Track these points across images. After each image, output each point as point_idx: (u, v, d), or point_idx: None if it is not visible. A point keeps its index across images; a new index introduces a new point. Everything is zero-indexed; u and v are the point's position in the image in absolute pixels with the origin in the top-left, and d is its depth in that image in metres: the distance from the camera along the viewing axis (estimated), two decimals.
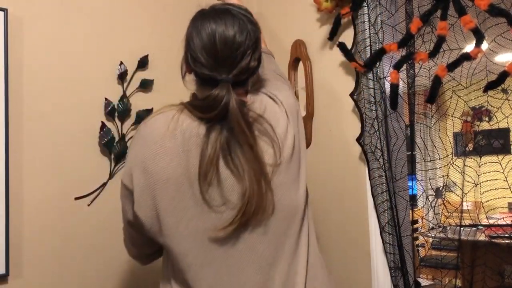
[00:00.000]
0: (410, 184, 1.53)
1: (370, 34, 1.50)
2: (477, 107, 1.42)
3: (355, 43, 1.57)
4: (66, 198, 1.54)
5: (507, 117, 1.35)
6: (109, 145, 1.62)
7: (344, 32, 1.66)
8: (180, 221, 0.92)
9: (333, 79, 1.72)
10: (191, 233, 0.92)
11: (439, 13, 1.27)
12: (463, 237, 1.60)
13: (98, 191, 1.61)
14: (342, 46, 1.55)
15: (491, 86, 1.18)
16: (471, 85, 1.34)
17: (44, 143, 1.51)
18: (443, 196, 1.49)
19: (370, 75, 1.50)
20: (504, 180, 1.36)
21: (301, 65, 1.86)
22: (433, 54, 1.29)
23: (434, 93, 1.26)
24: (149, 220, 0.95)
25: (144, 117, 1.71)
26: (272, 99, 1.04)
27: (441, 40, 1.26)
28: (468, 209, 1.47)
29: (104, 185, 1.62)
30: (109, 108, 1.63)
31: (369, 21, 1.50)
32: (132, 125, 1.69)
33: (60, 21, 1.57)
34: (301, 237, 1.01)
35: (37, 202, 1.48)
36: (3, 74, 1.41)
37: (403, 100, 1.45)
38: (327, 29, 1.71)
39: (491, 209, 1.60)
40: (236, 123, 0.92)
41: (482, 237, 2.27)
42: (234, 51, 0.94)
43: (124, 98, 1.67)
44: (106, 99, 1.63)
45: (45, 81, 1.52)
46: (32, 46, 1.50)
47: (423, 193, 1.48)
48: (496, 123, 1.43)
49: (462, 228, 1.54)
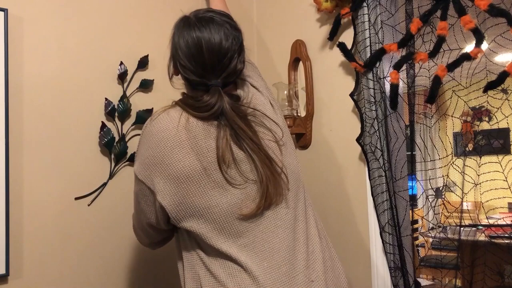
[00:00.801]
0: (410, 184, 1.53)
1: (370, 34, 1.50)
2: (477, 107, 1.42)
3: (355, 43, 1.57)
4: (66, 198, 1.54)
5: (507, 117, 1.35)
6: (109, 145, 1.62)
7: (344, 32, 1.66)
8: (208, 202, 1.00)
9: (333, 79, 1.72)
10: (222, 211, 1.00)
11: (439, 13, 1.27)
12: (463, 237, 1.60)
13: (98, 191, 1.61)
14: (342, 46, 1.55)
15: (491, 86, 1.18)
16: (471, 85, 1.34)
17: (44, 143, 1.51)
18: (443, 196, 1.49)
19: (370, 75, 1.50)
20: (504, 180, 1.36)
21: (301, 65, 1.86)
22: (433, 54, 1.30)
23: (434, 93, 1.26)
24: (175, 208, 1.02)
25: (144, 117, 1.71)
26: (256, 88, 1.16)
27: (441, 40, 1.27)
28: (468, 209, 1.47)
29: (104, 185, 1.62)
30: (109, 108, 1.63)
31: (369, 21, 1.50)
32: (132, 125, 1.69)
33: (60, 21, 1.57)
34: (306, 199, 1.15)
35: (37, 202, 1.48)
36: (3, 74, 1.41)
37: (403, 100, 1.45)
38: (327, 29, 1.71)
39: (491, 209, 1.60)
40: (232, 121, 1.00)
41: (482, 237, 2.27)
42: (221, 58, 1.02)
43: (124, 98, 1.67)
44: (106, 99, 1.63)
45: (45, 81, 1.52)
46: (32, 46, 1.50)
47: (423, 193, 1.49)
48: (496, 123, 1.43)
49: (462, 228, 1.54)
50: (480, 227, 2.47)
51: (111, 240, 1.62)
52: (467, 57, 1.21)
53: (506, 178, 1.37)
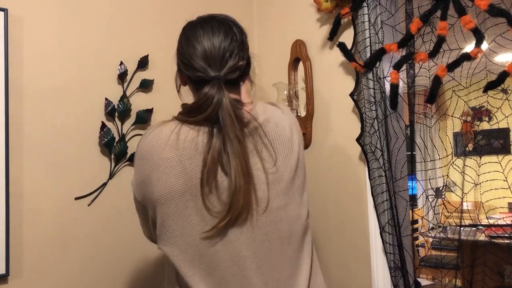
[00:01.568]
0: (410, 184, 1.53)
1: (370, 34, 1.50)
2: (477, 107, 1.42)
3: (355, 43, 1.57)
4: (66, 198, 1.54)
5: (507, 117, 1.35)
6: (109, 145, 1.62)
7: (344, 32, 1.66)
8: (184, 229, 0.96)
9: (333, 79, 1.72)
10: (195, 240, 0.95)
11: (439, 13, 1.27)
12: (463, 237, 1.60)
13: (98, 191, 1.61)
14: (342, 46, 1.55)
15: (491, 86, 1.18)
16: (471, 85, 1.34)
17: (44, 143, 1.51)
18: (443, 196, 1.49)
19: (370, 75, 1.50)
20: (504, 180, 1.36)
21: (301, 65, 1.86)
22: (433, 54, 1.29)
23: (434, 93, 1.26)
24: (158, 227, 1.00)
25: (144, 117, 1.71)
26: (276, 106, 1.11)
27: (441, 40, 1.27)
28: (468, 209, 1.47)
29: (104, 185, 1.62)
30: (109, 108, 1.63)
31: (369, 21, 1.50)
32: (132, 125, 1.69)
33: (60, 21, 1.57)
34: (304, 251, 1.05)
35: (37, 202, 1.48)
36: (3, 74, 1.41)
37: (403, 100, 1.45)
38: (327, 29, 1.71)
39: (491, 209, 1.60)
40: (227, 116, 0.95)
41: (482, 237, 2.27)
42: (222, 53, 1.01)
43: (124, 98, 1.67)
44: (106, 99, 1.63)
45: (45, 81, 1.52)
46: (32, 46, 1.50)
47: (423, 193, 1.48)
48: (496, 123, 1.43)
49: (462, 228, 1.54)
50: (480, 227, 2.47)
51: (111, 240, 1.62)
52: (467, 57, 1.21)
53: (506, 178, 1.37)
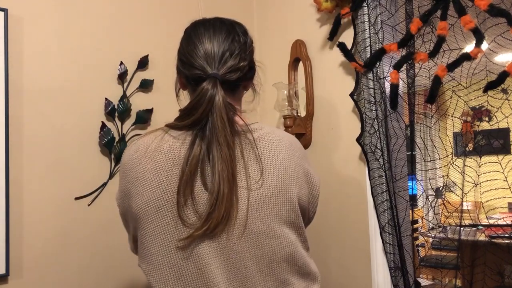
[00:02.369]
0: (410, 184, 1.53)
1: (370, 34, 1.50)
2: (477, 107, 1.42)
3: (355, 43, 1.57)
4: (66, 198, 1.54)
5: (507, 117, 1.35)
6: (109, 145, 1.62)
7: (344, 32, 1.66)
8: (160, 247, 0.89)
9: (333, 79, 1.72)
10: (171, 258, 0.89)
11: (439, 13, 1.27)
12: (463, 237, 1.60)
13: (98, 191, 1.61)
14: (342, 46, 1.55)
15: (491, 86, 1.18)
16: (471, 85, 1.34)
17: (44, 143, 1.51)
18: (443, 196, 1.49)
19: (370, 75, 1.50)
20: (504, 180, 1.36)
21: (301, 65, 1.86)
22: (433, 54, 1.30)
23: (434, 93, 1.26)
24: (138, 243, 0.94)
25: (144, 117, 1.71)
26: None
27: (441, 40, 1.27)
28: (468, 209, 1.47)
29: (104, 185, 1.62)
30: (109, 108, 1.63)
31: (369, 21, 1.50)
32: (132, 125, 1.69)
33: (60, 21, 1.57)
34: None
35: (37, 202, 1.48)
36: (3, 74, 1.41)
37: (403, 100, 1.45)
38: (327, 29, 1.71)
39: (491, 209, 1.60)
40: (219, 117, 0.89)
41: (482, 237, 2.27)
42: (222, 52, 0.96)
43: (124, 98, 1.67)
44: (106, 99, 1.63)
45: (45, 81, 1.52)
46: (32, 46, 1.50)
47: (423, 193, 1.48)
48: (496, 123, 1.43)
49: (462, 228, 1.54)
50: (480, 227, 2.47)
51: (111, 240, 1.62)
52: (467, 57, 1.21)
53: (506, 178, 1.37)
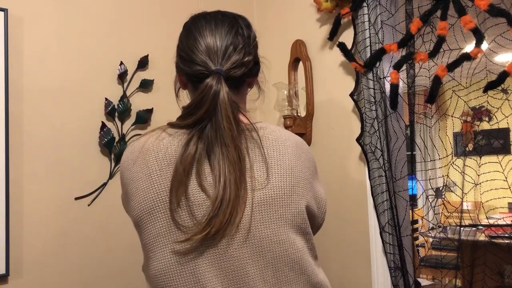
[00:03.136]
0: (410, 184, 1.53)
1: (370, 34, 1.50)
2: (477, 107, 1.42)
3: (355, 43, 1.57)
4: (66, 198, 1.54)
5: (507, 117, 1.35)
6: (109, 145, 1.62)
7: (344, 32, 1.66)
8: (156, 249, 0.83)
9: (333, 79, 1.72)
10: (167, 262, 0.82)
11: (439, 13, 1.27)
12: (463, 237, 1.60)
13: (98, 191, 1.61)
14: (342, 46, 1.55)
15: (491, 86, 1.18)
16: (471, 85, 1.34)
17: (44, 143, 1.51)
18: (443, 196, 1.49)
19: (370, 75, 1.50)
20: (504, 180, 1.36)
21: (301, 65, 1.86)
22: (433, 54, 1.30)
23: (434, 93, 1.26)
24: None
25: (144, 117, 1.71)
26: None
27: (441, 40, 1.27)
28: (468, 209, 1.47)
29: (104, 185, 1.62)
30: (109, 108, 1.63)
31: (369, 21, 1.50)
32: (132, 125, 1.69)
33: (60, 21, 1.57)
34: None
35: (37, 202, 1.48)
36: (3, 74, 1.41)
37: (403, 100, 1.45)
38: (327, 29, 1.71)
39: (491, 209, 1.60)
40: (224, 116, 0.84)
41: (482, 237, 2.27)
42: (225, 46, 0.90)
43: (124, 98, 1.67)
44: (106, 99, 1.63)
45: (45, 81, 1.52)
46: (32, 46, 1.50)
47: (423, 193, 1.48)
48: (496, 123, 1.43)
49: (462, 228, 1.54)
50: (480, 227, 2.47)
51: (111, 240, 1.62)
52: (467, 57, 1.21)
53: (506, 178, 1.37)
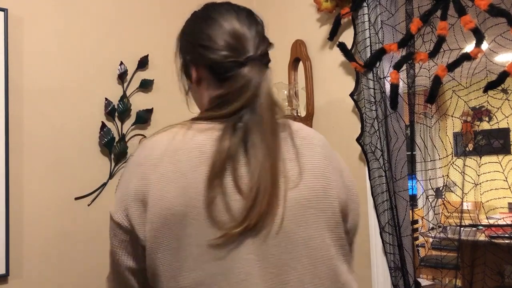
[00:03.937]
0: (410, 184, 1.53)
1: (370, 34, 1.50)
2: (477, 107, 1.42)
3: (355, 43, 1.57)
4: (66, 198, 1.54)
5: (507, 117, 1.35)
6: (109, 145, 1.62)
7: (344, 32, 1.66)
8: (192, 250, 0.71)
9: (333, 79, 1.72)
10: (204, 259, 0.72)
11: (439, 13, 1.27)
12: (463, 237, 1.60)
13: (98, 191, 1.61)
14: (342, 46, 1.55)
15: (491, 86, 1.18)
16: (471, 85, 1.34)
17: (44, 143, 1.51)
18: (443, 196, 1.49)
19: (370, 75, 1.50)
20: (504, 180, 1.36)
21: (301, 65, 1.86)
22: (433, 54, 1.30)
23: (434, 93, 1.26)
24: (149, 261, 0.76)
25: (144, 117, 1.71)
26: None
27: (441, 40, 1.27)
28: (468, 209, 1.47)
29: (104, 185, 1.62)
30: (109, 108, 1.63)
31: (369, 21, 1.50)
32: (132, 125, 1.69)
33: (60, 21, 1.57)
34: None
35: (37, 202, 1.48)
36: (3, 74, 1.41)
37: (403, 100, 1.45)
38: (327, 29, 1.71)
39: (491, 209, 1.61)
40: (266, 105, 0.77)
41: (482, 237, 2.27)
42: (254, 32, 0.82)
43: (124, 98, 1.67)
44: (106, 99, 1.63)
45: (45, 81, 1.52)
46: (32, 46, 1.50)
47: (423, 193, 1.48)
48: (496, 123, 1.43)
49: (462, 228, 1.54)
50: (480, 227, 2.47)
51: None
52: (467, 57, 1.21)
53: (506, 178, 1.37)
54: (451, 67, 1.24)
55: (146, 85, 1.73)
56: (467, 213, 1.50)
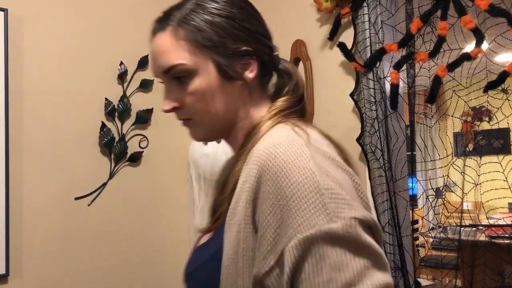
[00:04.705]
0: (410, 184, 1.53)
1: (370, 34, 1.50)
2: (477, 107, 1.42)
3: (355, 43, 1.57)
4: (66, 198, 1.54)
5: (507, 117, 1.35)
6: (109, 145, 1.62)
7: (344, 32, 1.66)
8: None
9: (333, 79, 1.72)
10: None
11: (439, 13, 1.27)
12: (463, 237, 1.60)
13: (98, 191, 1.61)
14: (342, 46, 1.55)
15: (491, 86, 1.18)
16: (471, 85, 1.34)
17: (44, 143, 1.51)
18: (443, 196, 1.49)
19: (370, 75, 1.50)
20: (504, 180, 1.36)
21: (301, 65, 1.86)
22: (433, 54, 1.29)
23: (434, 93, 1.26)
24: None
25: (144, 117, 1.71)
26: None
27: (441, 40, 1.27)
28: (468, 209, 1.47)
29: (104, 185, 1.62)
30: (109, 108, 1.63)
31: (369, 21, 1.50)
32: (132, 125, 1.69)
33: (60, 21, 1.57)
34: None
35: (37, 202, 1.48)
36: (3, 74, 1.41)
37: (403, 100, 1.45)
38: (327, 29, 1.71)
39: (491, 209, 1.60)
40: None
41: (482, 237, 2.27)
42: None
43: (124, 98, 1.67)
44: (106, 99, 1.63)
45: (45, 81, 1.52)
46: (32, 46, 1.50)
47: (423, 193, 1.48)
48: (496, 123, 1.43)
49: (462, 228, 1.54)
50: (480, 227, 2.47)
51: (110, 240, 1.62)
52: (467, 57, 1.21)
53: (506, 178, 1.37)
54: (451, 67, 1.24)
55: (146, 85, 1.73)
56: (467, 213, 1.50)
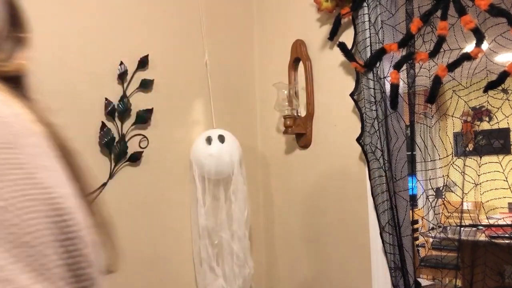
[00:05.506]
0: (410, 184, 1.53)
1: (370, 34, 1.50)
2: (477, 107, 1.42)
3: (355, 43, 1.57)
4: None
5: (507, 117, 1.35)
6: (109, 145, 1.62)
7: (344, 32, 1.66)
8: None
9: (333, 79, 1.72)
10: None
11: (439, 13, 1.27)
12: (463, 237, 1.60)
13: (98, 191, 1.61)
14: (342, 46, 1.55)
15: (491, 86, 1.19)
16: (471, 85, 1.34)
17: None
18: (443, 196, 1.49)
19: (370, 75, 1.50)
20: (504, 180, 1.36)
21: (301, 65, 1.86)
22: (433, 54, 1.30)
23: (434, 93, 1.26)
24: None
25: (144, 117, 1.71)
26: None
27: (441, 40, 1.27)
28: (468, 209, 1.47)
29: (104, 185, 1.62)
30: (109, 108, 1.63)
31: (369, 21, 1.50)
32: (132, 125, 1.69)
33: (60, 21, 1.57)
34: None
35: None
36: None
37: (403, 100, 1.45)
38: (327, 29, 1.71)
39: (491, 209, 1.60)
40: None
41: (482, 237, 2.27)
42: None
43: (124, 98, 1.67)
44: (106, 99, 1.63)
45: (44, 81, 1.52)
46: (32, 46, 1.50)
47: (423, 193, 1.48)
48: (496, 123, 1.43)
49: (462, 228, 1.54)
50: (480, 227, 2.47)
51: None
52: (467, 57, 1.21)
53: (506, 178, 1.37)
54: (451, 67, 1.24)
55: (146, 85, 1.73)
56: (467, 213, 1.50)
